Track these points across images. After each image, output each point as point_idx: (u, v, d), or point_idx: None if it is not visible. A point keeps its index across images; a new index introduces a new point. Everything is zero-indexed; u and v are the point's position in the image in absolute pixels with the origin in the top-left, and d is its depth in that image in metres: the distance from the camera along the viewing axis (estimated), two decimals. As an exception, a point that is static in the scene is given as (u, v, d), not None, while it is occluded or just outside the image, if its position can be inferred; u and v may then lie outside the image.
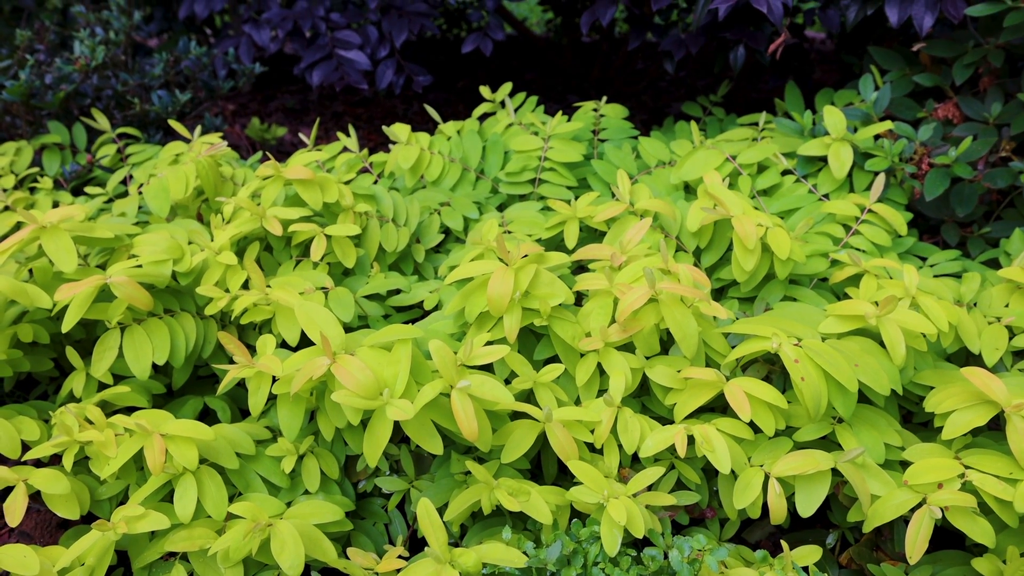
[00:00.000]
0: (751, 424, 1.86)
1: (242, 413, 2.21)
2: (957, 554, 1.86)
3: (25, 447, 1.97)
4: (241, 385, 2.25)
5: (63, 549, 1.72)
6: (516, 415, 1.89)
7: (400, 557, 1.76)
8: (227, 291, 2.10)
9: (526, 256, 1.98)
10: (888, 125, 2.51)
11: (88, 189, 2.63)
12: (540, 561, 1.62)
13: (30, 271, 2.12)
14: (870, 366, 1.83)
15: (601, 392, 1.94)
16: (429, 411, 1.75)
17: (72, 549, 1.68)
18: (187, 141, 2.98)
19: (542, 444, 1.96)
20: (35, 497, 2.01)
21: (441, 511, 1.84)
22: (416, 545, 1.98)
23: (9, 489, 1.88)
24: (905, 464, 1.84)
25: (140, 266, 2.02)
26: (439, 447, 1.73)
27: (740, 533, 2.04)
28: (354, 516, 1.98)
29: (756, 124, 2.83)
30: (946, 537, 1.98)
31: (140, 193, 2.52)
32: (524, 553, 1.62)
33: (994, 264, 2.46)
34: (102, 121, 2.79)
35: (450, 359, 1.70)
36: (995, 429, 1.99)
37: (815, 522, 2.07)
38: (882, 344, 1.90)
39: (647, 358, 1.95)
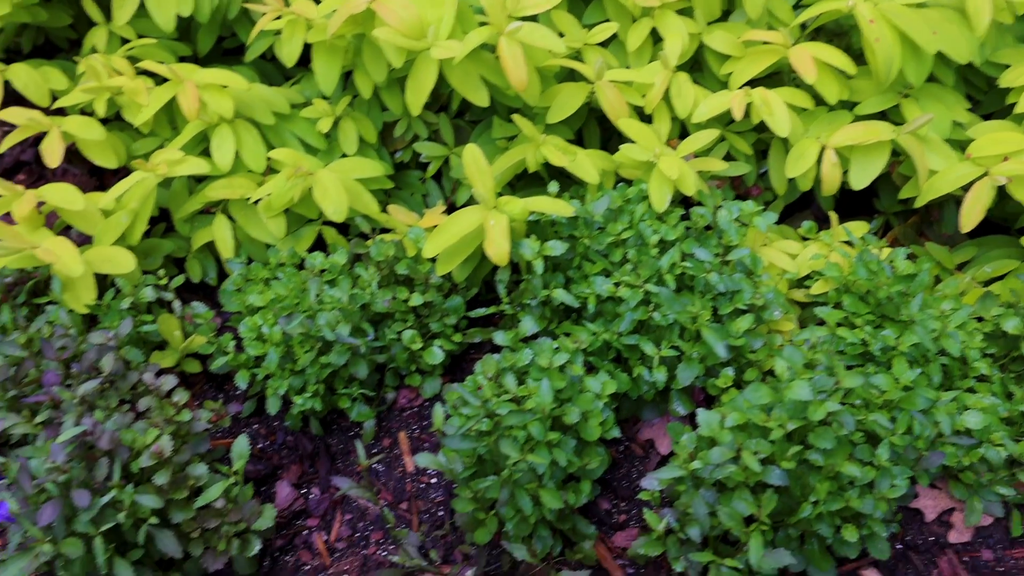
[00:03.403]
0: (812, 96, 1.76)
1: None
2: (1003, 238, 1.83)
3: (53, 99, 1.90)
4: (265, 58, 2.14)
5: (105, 194, 1.71)
6: (563, 79, 1.80)
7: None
8: (252, -57, 1.94)
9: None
10: None
11: None
12: (587, 213, 1.59)
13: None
14: (949, 33, 1.70)
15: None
16: (475, 64, 1.66)
17: (112, 190, 1.67)
18: None
19: (586, 117, 1.88)
20: (72, 159, 1.98)
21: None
22: (455, 214, 1.97)
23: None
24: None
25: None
26: (485, 99, 1.66)
27: (784, 220, 2.01)
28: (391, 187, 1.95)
29: None
30: (993, 230, 1.94)
31: None
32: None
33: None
34: None
35: (499, 2, 1.57)
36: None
37: (859, 213, 2.03)
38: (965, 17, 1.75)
39: (707, 24, 1.81)
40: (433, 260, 1.67)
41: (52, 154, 1.69)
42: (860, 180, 1.70)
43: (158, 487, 1.31)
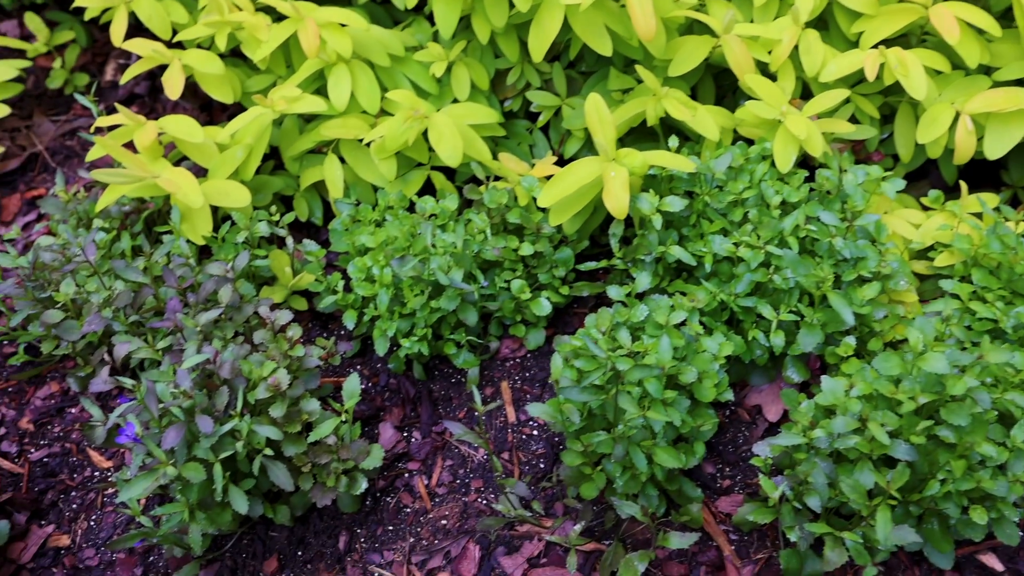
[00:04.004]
0: (947, 59, 1.67)
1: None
2: None
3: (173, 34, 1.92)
4: (376, 1, 2.12)
5: (221, 128, 1.72)
6: (683, 31, 1.74)
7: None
8: None
9: None
10: None
11: None
12: (708, 169, 1.55)
13: None
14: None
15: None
16: (599, 12, 1.61)
17: (229, 125, 1.68)
18: None
19: (702, 72, 1.82)
20: (184, 93, 1.99)
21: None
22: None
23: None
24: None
25: None
26: (608, 47, 1.61)
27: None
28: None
29: None
30: None
31: None
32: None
33: None
34: None
35: (630, -54, 1.52)
36: None
37: (982, 184, 1.93)
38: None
39: (839, -21, 1.73)
40: (543, 210, 1.65)
41: (173, 86, 1.70)
42: (995, 149, 1.62)
43: (272, 419, 1.33)
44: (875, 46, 1.70)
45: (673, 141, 1.60)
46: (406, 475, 1.52)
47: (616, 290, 1.46)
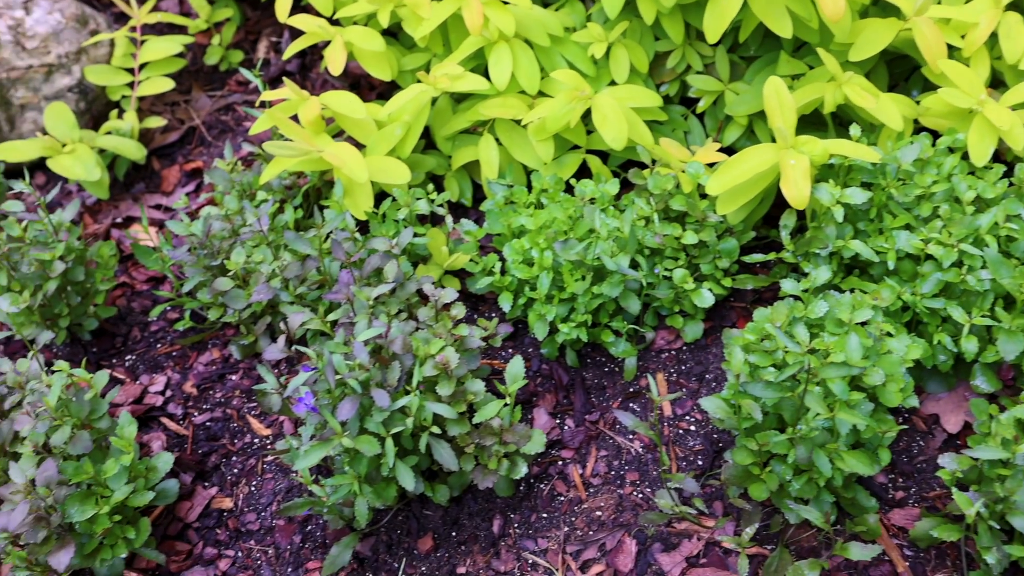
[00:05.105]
0: None
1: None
2: None
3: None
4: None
5: (380, 106, 1.73)
6: (863, 14, 1.64)
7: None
8: None
9: None
10: None
11: None
12: (894, 160, 1.45)
13: None
14: None
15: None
16: (779, -10, 1.54)
17: (390, 103, 1.67)
18: None
19: (877, 59, 1.72)
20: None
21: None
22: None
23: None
24: None
25: None
26: (788, 28, 1.53)
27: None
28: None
29: None
30: None
31: None
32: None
33: None
34: None
35: (821, -79, 1.44)
36: None
37: None
38: None
39: (1042, -41, 1.60)
40: (704, 196, 1.59)
41: (335, 62, 1.71)
42: None
43: (439, 397, 1.31)
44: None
45: (855, 130, 1.51)
46: (559, 463, 1.49)
47: (791, 284, 1.39)
